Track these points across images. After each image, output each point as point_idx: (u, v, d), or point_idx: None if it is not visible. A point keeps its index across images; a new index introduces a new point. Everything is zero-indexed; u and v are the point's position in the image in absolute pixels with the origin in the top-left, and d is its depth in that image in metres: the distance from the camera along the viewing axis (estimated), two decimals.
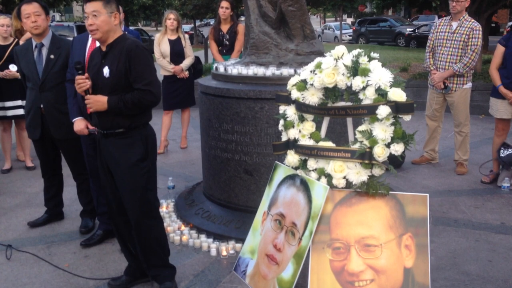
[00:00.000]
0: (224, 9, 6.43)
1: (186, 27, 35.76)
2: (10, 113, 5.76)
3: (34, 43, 3.99)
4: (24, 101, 5.69)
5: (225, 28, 6.54)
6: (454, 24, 5.42)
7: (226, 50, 6.56)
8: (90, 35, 3.66)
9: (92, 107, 2.96)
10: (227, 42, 6.55)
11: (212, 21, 41.84)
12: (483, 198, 4.88)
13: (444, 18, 5.66)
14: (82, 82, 2.94)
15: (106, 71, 2.93)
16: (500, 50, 5.11)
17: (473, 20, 5.42)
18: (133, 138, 3.03)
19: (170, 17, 6.36)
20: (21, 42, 5.23)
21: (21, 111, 5.67)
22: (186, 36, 6.68)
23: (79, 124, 3.70)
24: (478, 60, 5.70)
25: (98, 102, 2.93)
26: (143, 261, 3.22)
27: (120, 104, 2.91)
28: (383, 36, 26.69)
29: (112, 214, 3.26)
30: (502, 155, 5.10)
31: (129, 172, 3.01)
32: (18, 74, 5.44)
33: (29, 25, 3.85)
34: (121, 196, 3.11)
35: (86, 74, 2.96)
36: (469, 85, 5.55)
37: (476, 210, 4.59)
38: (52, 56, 3.93)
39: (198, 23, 38.13)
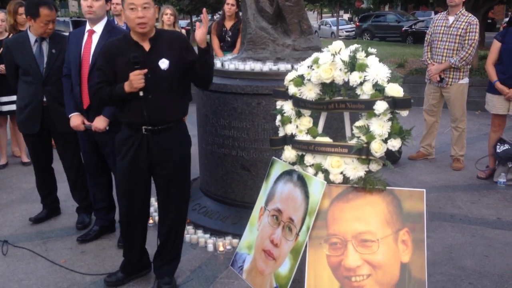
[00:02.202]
0: (230, 5, 6.43)
1: (183, 22, 35.59)
2: (6, 108, 5.73)
3: (33, 38, 3.95)
4: None
5: (228, 24, 6.54)
6: (451, 19, 5.42)
7: (227, 47, 6.55)
8: (86, 30, 3.65)
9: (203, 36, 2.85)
10: (229, 39, 6.54)
11: (209, 17, 41.62)
12: (479, 193, 4.90)
13: (442, 13, 5.68)
14: (141, 78, 2.81)
15: (164, 64, 2.88)
16: (496, 45, 5.11)
17: (470, 15, 5.42)
18: (182, 130, 3.13)
19: (167, 12, 6.33)
20: None
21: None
22: (183, 31, 6.65)
23: (76, 120, 3.68)
24: (474, 55, 5.70)
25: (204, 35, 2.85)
26: (164, 255, 3.23)
27: (209, 55, 2.94)
28: (390, 32, 25.48)
29: (129, 219, 3.18)
30: (498, 150, 5.12)
31: (183, 162, 3.12)
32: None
33: (44, 29, 3.83)
34: (163, 193, 3.11)
35: (145, 70, 2.83)
36: (466, 80, 5.55)
37: (472, 205, 4.60)
38: (54, 51, 3.92)
39: (194, 18, 37.97)
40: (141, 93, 2.86)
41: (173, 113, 3.01)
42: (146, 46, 2.93)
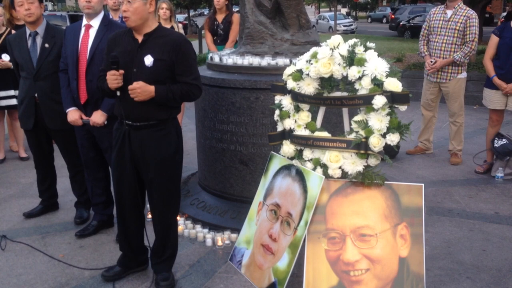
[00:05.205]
0: None
1: (180, 16, 35.56)
2: (3, 103, 5.71)
3: (28, 32, 3.94)
4: (17, 91, 5.67)
5: (220, 18, 6.50)
6: (449, 12, 5.41)
7: (220, 40, 6.52)
8: (83, 25, 3.64)
9: (138, 97, 2.83)
10: (221, 32, 6.51)
11: (206, 11, 41.69)
12: (477, 188, 4.91)
13: (439, 7, 5.65)
14: (115, 79, 2.84)
15: (148, 60, 2.86)
16: (494, 40, 5.11)
17: (468, 8, 5.40)
18: (167, 130, 3.02)
19: (163, 7, 6.30)
20: None
21: (14, 101, 5.64)
22: (180, 25, 6.63)
23: (73, 115, 3.67)
24: None
25: (145, 91, 2.82)
26: (159, 253, 3.22)
27: (169, 95, 2.88)
28: None
29: (121, 210, 3.20)
30: (496, 145, 5.12)
31: (165, 165, 3.02)
32: (10, 64, 5.40)
33: (23, 13, 3.80)
34: (148, 189, 3.10)
35: (121, 71, 2.84)
36: (464, 75, 5.56)
37: (470, 200, 4.61)
38: (46, 45, 3.89)
39: (192, 12, 37.89)
40: (118, 93, 2.91)
41: (153, 111, 2.94)
42: (140, 39, 2.94)
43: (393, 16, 28.52)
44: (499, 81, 5.01)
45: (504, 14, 22.25)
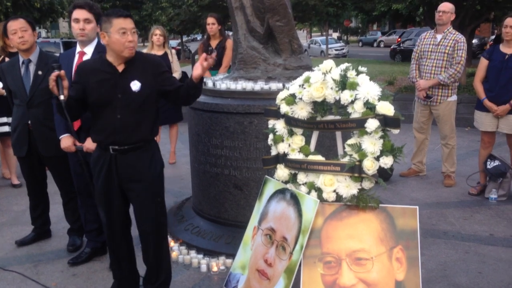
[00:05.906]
0: (211, 25, 6.46)
1: (173, 42, 35.90)
2: None
3: (21, 59, 3.97)
4: (10, 118, 5.65)
5: (214, 43, 6.56)
6: (439, 37, 5.50)
7: (214, 65, 6.56)
8: (76, 52, 3.66)
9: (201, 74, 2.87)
10: (215, 58, 6.55)
11: (199, 37, 42.14)
12: (471, 209, 4.91)
13: (429, 31, 5.75)
14: (53, 80, 2.72)
15: (135, 86, 2.89)
16: (483, 63, 5.18)
17: (457, 33, 5.50)
18: (152, 150, 3.06)
19: (156, 33, 6.37)
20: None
21: (6, 128, 5.62)
22: (173, 51, 6.69)
23: (66, 141, 3.66)
24: (462, 73, 5.76)
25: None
26: (153, 280, 3.17)
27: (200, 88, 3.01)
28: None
29: (112, 237, 3.16)
30: (489, 167, 5.15)
31: (154, 183, 3.04)
32: (4, 91, 5.40)
33: (16, 41, 3.83)
34: (139, 211, 3.07)
35: (63, 71, 2.77)
36: (454, 97, 5.61)
37: (464, 221, 4.61)
38: (40, 72, 3.91)
39: (185, 38, 38.27)
40: (61, 97, 2.77)
41: (140, 134, 2.97)
42: (120, 67, 2.94)
43: (399, 39, 28.75)
44: (489, 103, 5.06)
45: (493, 37, 22.60)
